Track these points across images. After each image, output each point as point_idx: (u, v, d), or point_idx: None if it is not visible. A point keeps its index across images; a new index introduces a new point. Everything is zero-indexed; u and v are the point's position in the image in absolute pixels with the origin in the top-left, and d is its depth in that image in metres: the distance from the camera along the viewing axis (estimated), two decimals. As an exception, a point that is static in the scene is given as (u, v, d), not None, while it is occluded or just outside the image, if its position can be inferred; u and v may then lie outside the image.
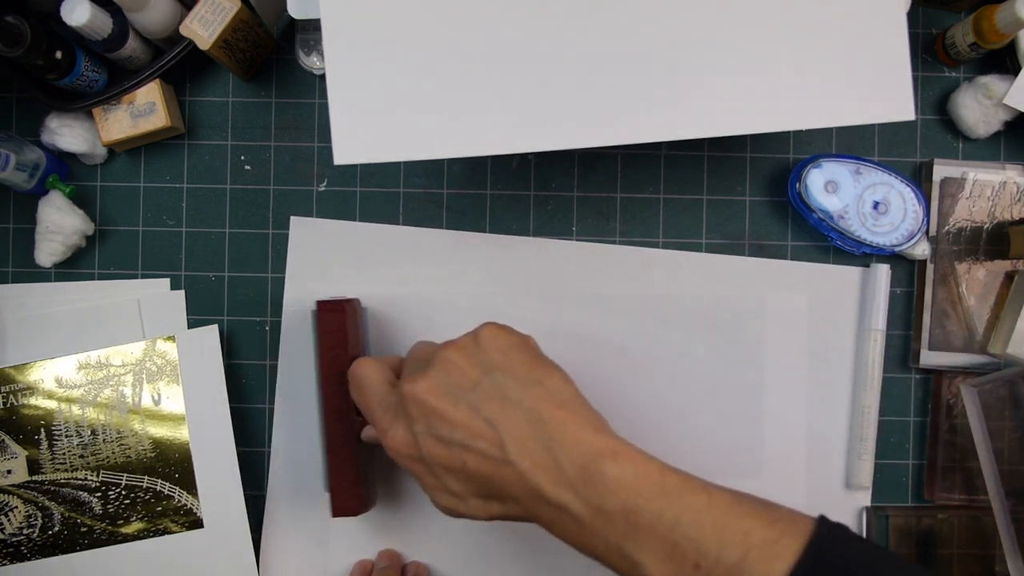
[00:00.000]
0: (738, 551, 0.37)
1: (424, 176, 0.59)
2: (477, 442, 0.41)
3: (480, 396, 0.42)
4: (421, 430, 0.43)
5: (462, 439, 0.42)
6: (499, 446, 0.41)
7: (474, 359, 0.44)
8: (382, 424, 0.45)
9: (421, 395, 0.43)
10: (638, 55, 0.45)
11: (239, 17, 0.52)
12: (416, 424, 0.43)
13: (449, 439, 0.42)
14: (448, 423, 0.42)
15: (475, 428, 0.41)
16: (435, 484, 0.44)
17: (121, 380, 0.56)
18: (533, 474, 0.40)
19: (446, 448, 0.42)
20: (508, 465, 0.41)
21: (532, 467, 0.40)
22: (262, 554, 0.57)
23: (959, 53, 0.56)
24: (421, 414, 0.43)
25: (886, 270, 0.57)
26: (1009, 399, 0.55)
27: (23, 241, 0.58)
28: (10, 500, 0.56)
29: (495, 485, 0.42)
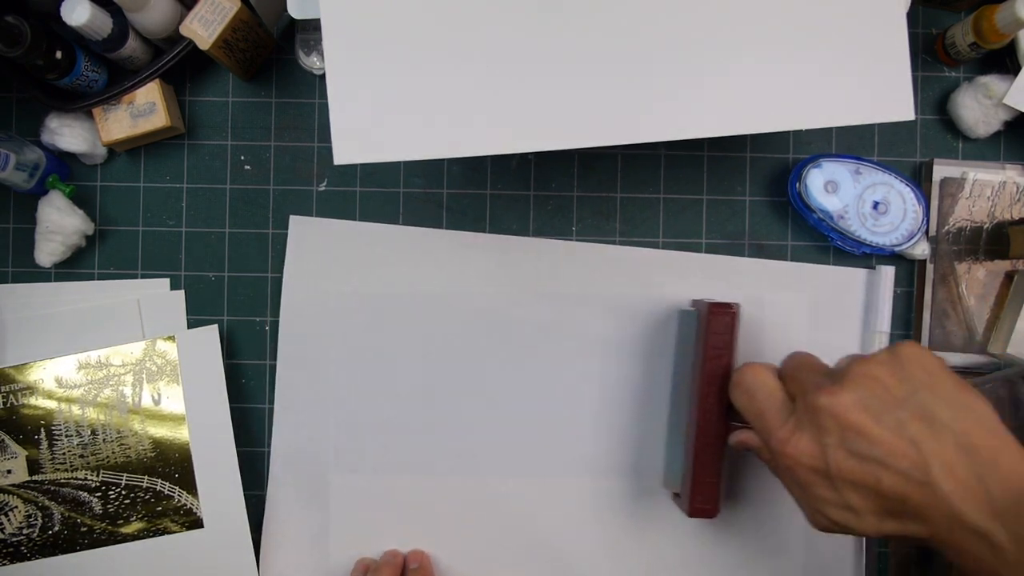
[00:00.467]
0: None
1: (424, 176, 0.59)
2: (899, 461, 0.40)
3: (906, 415, 0.41)
4: (832, 443, 0.42)
5: (881, 456, 0.41)
6: (923, 468, 0.40)
7: (898, 376, 0.42)
8: (781, 432, 0.44)
9: (841, 409, 0.42)
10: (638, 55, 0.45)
11: (239, 17, 0.52)
12: (828, 436, 0.42)
13: (867, 455, 0.41)
14: (867, 439, 0.41)
15: (897, 447, 0.40)
16: (832, 498, 0.43)
17: (121, 380, 0.56)
18: (959, 500, 0.39)
19: (860, 464, 0.41)
20: (929, 487, 0.40)
21: (959, 493, 0.39)
22: (262, 554, 0.57)
23: (959, 53, 0.56)
24: (836, 427, 0.42)
25: (891, 272, 0.57)
26: (1009, 399, 0.55)
27: (23, 241, 0.58)
28: (10, 500, 0.56)
29: (906, 505, 0.41)
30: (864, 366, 0.43)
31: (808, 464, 0.43)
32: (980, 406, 0.42)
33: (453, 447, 0.58)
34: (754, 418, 0.47)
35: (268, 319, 0.58)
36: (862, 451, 0.41)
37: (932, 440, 0.40)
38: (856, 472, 0.41)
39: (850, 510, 0.42)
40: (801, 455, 0.43)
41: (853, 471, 0.41)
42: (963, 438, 0.40)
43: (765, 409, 0.46)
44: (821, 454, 0.42)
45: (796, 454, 0.43)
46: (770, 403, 0.46)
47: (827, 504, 0.43)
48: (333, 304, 0.58)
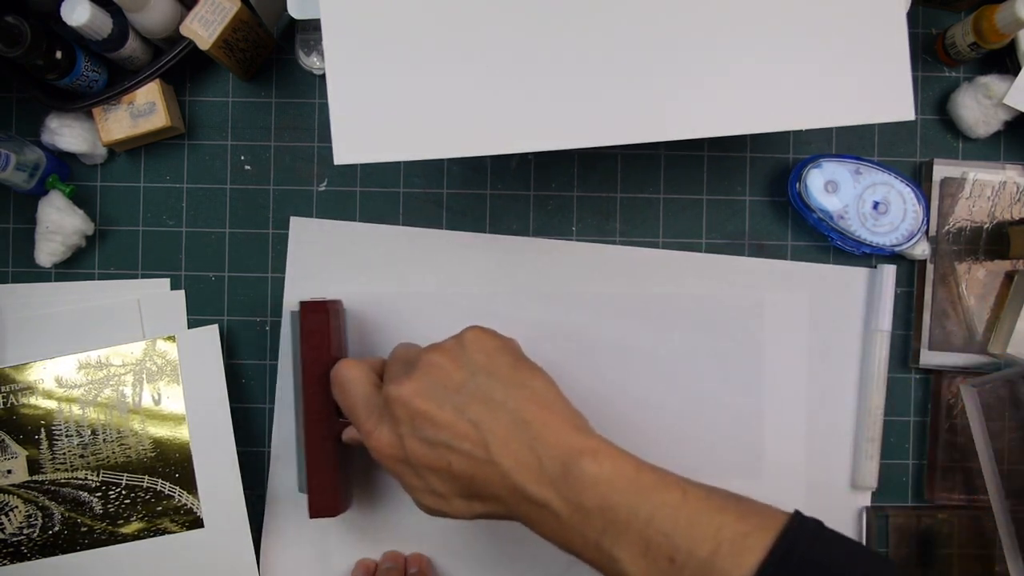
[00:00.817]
0: (710, 545, 0.38)
1: (424, 176, 0.59)
2: (462, 443, 0.42)
3: (465, 398, 0.43)
4: (406, 431, 0.44)
5: (447, 440, 0.42)
6: (483, 446, 0.42)
7: (459, 361, 0.45)
8: (366, 425, 0.46)
9: (406, 397, 0.44)
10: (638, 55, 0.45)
11: (239, 17, 0.52)
12: (401, 426, 0.44)
13: (434, 440, 0.43)
14: (433, 424, 0.43)
15: (460, 429, 0.42)
16: (419, 485, 0.44)
17: (121, 380, 0.56)
18: (516, 473, 0.41)
19: (431, 449, 0.43)
20: (492, 465, 0.42)
21: (515, 466, 0.41)
22: (262, 554, 0.57)
23: (959, 53, 0.56)
24: (406, 416, 0.44)
25: (892, 271, 0.57)
26: (1009, 399, 0.55)
27: (23, 241, 0.58)
28: (10, 500, 0.56)
29: (479, 485, 0.43)
30: (429, 354, 0.45)
31: (390, 454, 0.45)
32: (537, 382, 0.45)
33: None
34: (348, 414, 0.48)
35: (268, 319, 0.58)
36: (430, 437, 0.43)
37: (489, 419, 0.42)
38: (430, 457, 0.43)
39: (438, 495, 0.44)
40: (384, 446, 0.45)
41: (427, 457, 0.43)
42: (516, 414, 0.42)
43: (354, 403, 0.48)
44: (399, 443, 0.44)
45: (380, 446, 0.45)
46: (359, 398, 0.47)
47: (418, 492, 0.45)
48: (333, 304, 0.58)
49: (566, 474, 0.41)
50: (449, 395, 0.43)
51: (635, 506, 0.40)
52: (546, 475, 0.41)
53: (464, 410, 0.43)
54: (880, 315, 0.57)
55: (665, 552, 0.39)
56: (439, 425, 0.43)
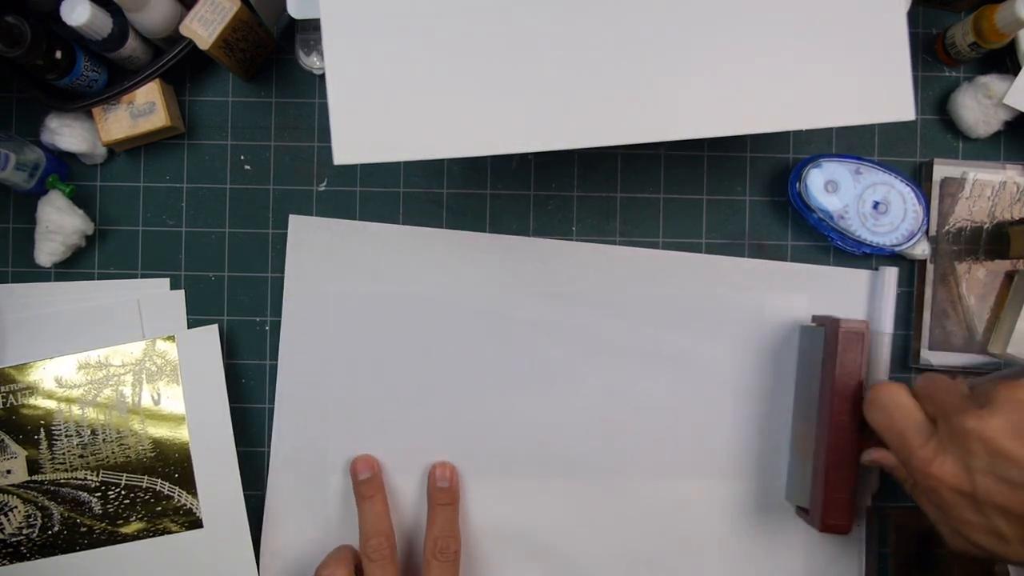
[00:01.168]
0: None
1: (424, 176, 0.59)
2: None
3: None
4: (980, 467, 0.42)
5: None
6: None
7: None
8: (922, 452, 0.45)
9: (989, 433, 0.42)
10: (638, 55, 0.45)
11: (239, 17, 0.52)
12: (976, 460, 0.42)
13: (1018, 482, 0.41)
14: (1019, 467, 0.41)
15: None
16: (977, 522, 0.43)
17: (121, 380, 0.56)
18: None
19: (1011, 491, 0.41)
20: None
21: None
22: (262, 554, 0.57)
23: (959, 53, 0.56)
24: (984, 451, 0.42)
25: (894, 273, 0.57)
26: (1009, 399, 0.55)
27: (23, 241, 0.58)
28: (10, 500, 0.56)
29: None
30: (1012, 390, 0.43)
31: (953, 486, 0.43)
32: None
33: (453, 447, 0.58)
34: (892, 437, 0.47)
35: (268, 319, 0.58)
36: (1013, 478, 0.41)
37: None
38: (1006, 498, 0.41)
39: (998, 536, 0.42)
40: (946, 476, 0.43)
41: (1003, 496, 0.41)
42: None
43: (904, 428, 0.46)
44: (968, 478, 0.43)
45: (941, 475, 0.43)
46: (909, 423, 0.46)
47: (972, 528, 0.43)
48: (333, 304, 0.58)
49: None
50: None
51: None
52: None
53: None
54: (882, 317, 0.56)
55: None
56: None
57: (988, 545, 0.43)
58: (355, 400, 0.58)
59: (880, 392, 0.49)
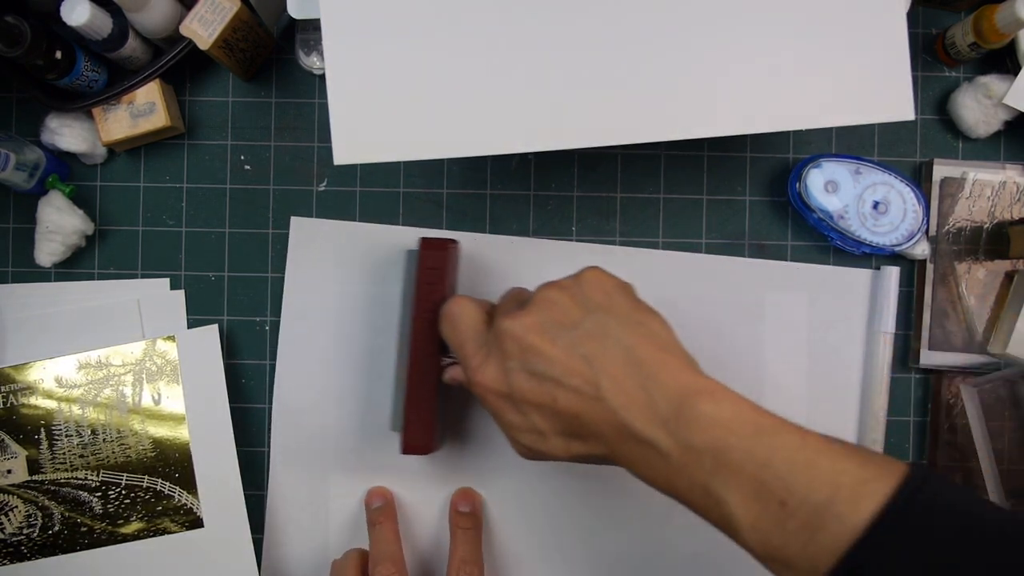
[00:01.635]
0: (827, 490, 0.37)
1: (424, 176, 0.59)
2: (571, 379, 0.41)
3: (580, 334, 0.42)
4: (514, 366, 0.43)
5: (557, 375, 0.42)
6: (593, 384, 0.41)
7: (576, 299, 0.44)
8: (474, 360, 0.45)
9: (519, 331, 0.43)
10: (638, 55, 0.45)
11: (239, 17, 0.52)
12: (510, 360, 0.43)
13: (543, 375, 0.42)
14: (544, 359, 0.42)
15: (571, 365, 0.42)
16: (519, 422, 0.43)
17: (121, 380, 0.56)
18: (625, 411, 0.40)
19: (539, 384, 0.42)
20: (600, 402, 0.41)
21: (625, 404, 0.41)
22: (262, 554, 0.57)
23: (959, 53, 0.56)
24: (517, 349, 0.43)
25: (896, 272, 0.57)
26: (1009, 399, 0.55)
27: (23, 241, 0.58)
28: (10, 500, 0.56)
29: (582, 423, 0.42)
30: (546, 291, 0.45)
31: (495, 389, 0.44)
32: (653, 323, 0.44)
33: (452, 446, 0.58)
34: (456, 349, 0.48)
35: (268, 319, 0.58)
36: (540, 371, 0.42)
37: (603, 356, 0.41)
38: (535, 392, 0.42)
39: (537, 433, 0.43)
40: (489, 380, 0.44)
41: (532, 392, 0.42)
42: (631, 352, 0.42)
43: (464, 339, 0.47)
44: (505, 378, 0.43)
45: (484, 380, 0.44)
46: (469, 333, 0.47)
47: (517, 429, 0.44)
48: (333, 304, 0.58)
49: (679, 414, 0.40)
50: (564, 331, 0.43)
51: (751, 448, 0.38)
52: (657, 414, 0.40)
53: (577, 346, 0.42)
54: (884, 317, 0.57)
55: (778, 495, 0.38)
56: (550, 360, 0.42)
57: (533, 444, 0.44)
58: (355, 400, 0.58)
59: (449, 305, 0.49)
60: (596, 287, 0.44)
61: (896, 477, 0.37)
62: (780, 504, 0.38)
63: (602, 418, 0.41)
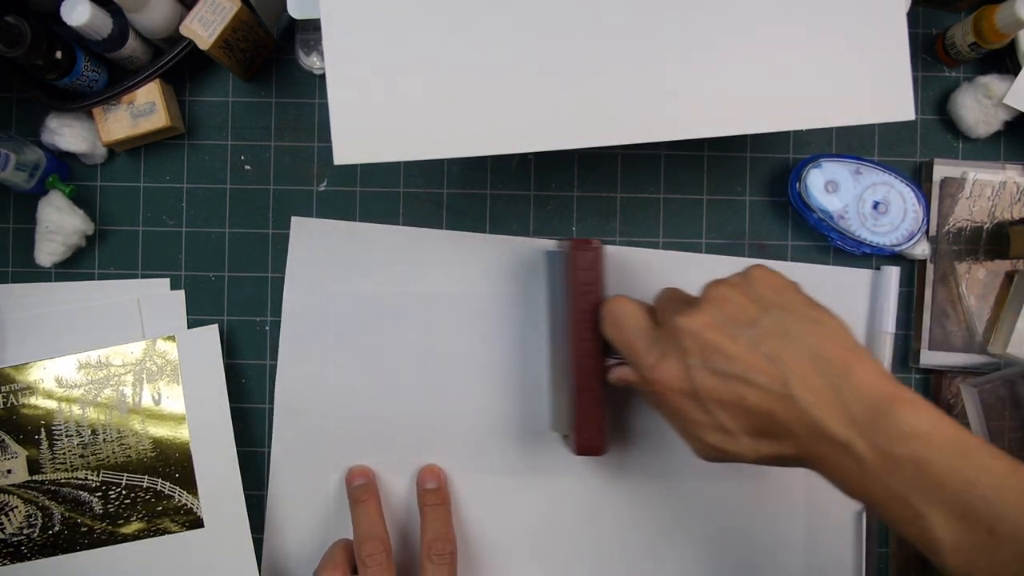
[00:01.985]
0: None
1: (424, 176, 0.59)
2: (757, 376, 0.41)
3: (760, 332, 0.42)
4: (696, 363, 0.42)
5: (742, 372, 0.41)
6: (781, 380, 0.40)
7: (750, 295, 0.43)
8: (648, 359, 0.44)
9: (697, 328, 0.42)
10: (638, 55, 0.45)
11: (239, 17, 0.52)
12: (691, 358, 0.42)
13: (728, 372, 0.41)
14: (727, 357, 0.41)
15: (755, 362, 0.41)
16: (705, 420, 0.42)
17: (121, 380, 0.56)
18: (817, 408, 0.39)
19: (724, 382, 0.41)
20: (790, 400, 0.40)
21: (816, 402, 0.39)
22: (262, 554, 0.57)
23: (959, 53, 0.56)
24: (697, 347, 0.42)
25: (896, 272, 0.57)
26: (1009, 399, 0.55)
27: (23, 241, 0.58)
28: (10, 500, 0.56)
29: (773, 421, 0.41)
30: (717, 289, 0.44)
31: (677, 387, 0.43)
32: (831, 321, 0.43)
33: (451, 446, 0.58)
34: (624, 349, 0.47)
35: (268, 319, 0.58)
36: (723, 369, 0.41)
37: (787, 354, 0.41)
38: (720, 390, 0.42)
39: (724, 431, 0.42)
40: (671, 378, 0.43)
41: (718, 390, 0.42)
42: (815, 350, 0.41)
43: (633, 338, 0.46)
44: (687, 376, 0.43)
45: (664, 379, 0.43)
46: (637, 332, 0.46)
47: (702, 428, 0.43)
48: (333, 304, 0.58)
49: (875, 418, 0.38)
50: (742, 328, 0.42)
51: (956, 467, 0.37)
52: (850, 416, 0.39)
53: (759, 343, 0.41)
54: (884, 317, 0.56)
55: (985, 521, 0.36)
56: (733, 357, 0.41)
57: (720, 444, 0.43)
58: (355, 400, 0.58)
59: (610, 305, 0.48)
60: (767, 284, 0.44)
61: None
62: (988, 531, 0.36)
63: (793, 416, 0.40)
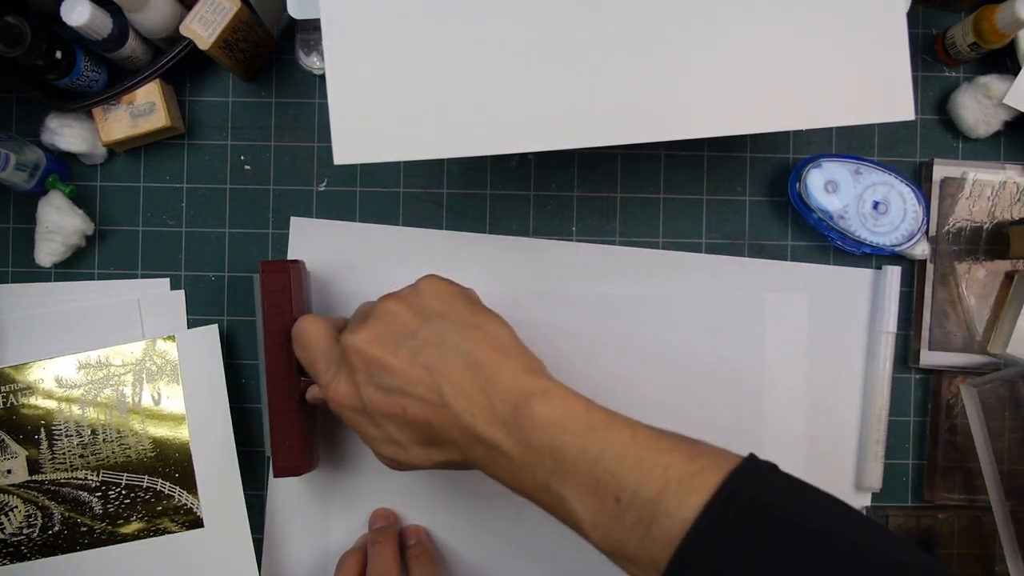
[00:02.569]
0: (657, 484, 0.38)
1: (424, 176, 0.59)
2: (415, 388, 0.42)
3: (419, 343, 0.43)
4: (363, 380, 0.44)
5: (402, 385, 0.43)
6: (436, 391, 0.42)
7: (414, 308, 0.45)
8: (325, 377, 0.46)
9: (361, 345, 0.44)
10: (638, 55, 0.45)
11: (239, 17, 0.52)
12: (358, 375, 0.44)
13: (390, 387, 0.43)
14: (388, 371, 0.43)
15: (414, 374, 0.42)
16: (378, 435, 0.44)
17: (121, 380, 0.56)
18: (468, 415, 0.41)
19: (387, 396, 0.43)
20: (445, 408, 0.42)
21: (468, 408, 0.42)
22: (262, 554, 0.57)
23: (959, 53, 0.56)
24: (362, 364, 0.44)
25: (897, 272, 0.57)
26: (1009, 399, 0.55)
27: (23, 241, 0.58)
28: (10, 500, 0.56)
29: (434, 430, 0.43)
30: (384, 303, 0.45)
31: (348, 404, 0.45)
32: (491, 326, 0.45)
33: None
34: (309, 368, 0.48)
35: (268, 319, 0.58)
36: (386, 383, 0.43)
37: (442, 363, 0.42)
38: (385, 405, 0.43)
39: (396, 444, 0.44)
40: (342, 396, 0.45)
41: (383, 404, 0.43)
42: (469, 356, 0.42)
43: (315, 358, 0.47)
44: (356, 392, 0.44)
45: (338, 396, 0.45)
46: (319, 351, 0.47)
47: (376, 442, 0.45)
48: (333, 304, 0.58)
49: (517, 415, 0.41)
50: (403, 341, 0.43)
51: (584, 446, 0.40)
52: (498, 416, 0.41)
53: (418, 355, 0.43)
54: (885, 317, 0.57)
55: (612, 491, 0.38)
56: (393, 371, 0.43)
57: (395, 455, 0.44)
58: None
59: (298, 326, 0.49)
60: (432, 295, 0.45)
61: (723, 471, 0.38)
62: (615, 500, 0.38)
63: (450, 423, 0.42)
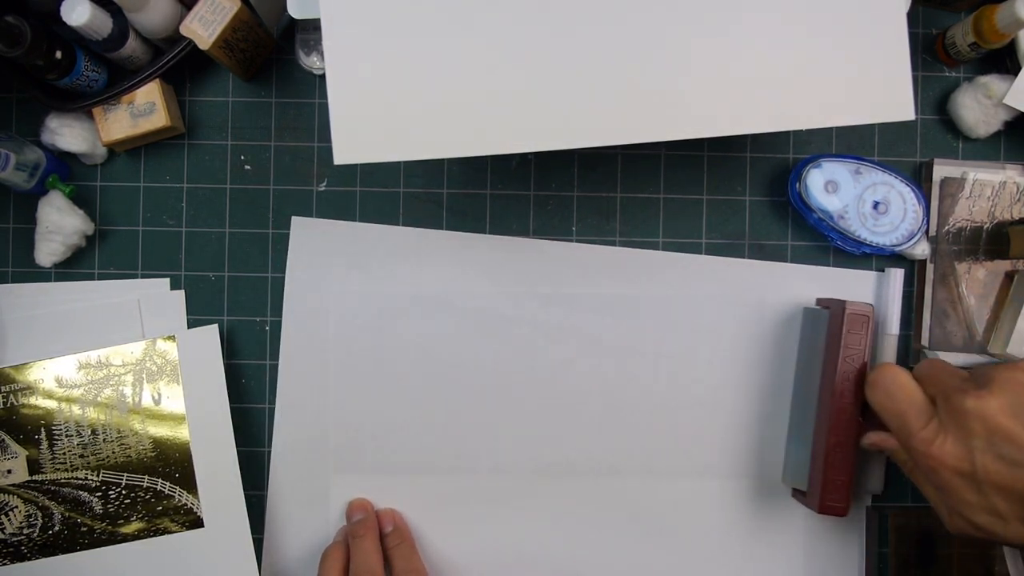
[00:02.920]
0: None
1: (424, 176, 0.59)
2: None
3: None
4: (980, 447, 0.43)
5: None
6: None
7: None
8: (923, 433, 0.45)
9: (988, 412, 0.43)
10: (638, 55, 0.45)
11: (239, 17, 0.52)
12: (976, 439, 0.43)
13: (1016, 460, 0.42)
14: (1017, 445, 0.42)
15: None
16: (977, 502, 0.43)
17: (121, 380, 0.56)
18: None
19: (1009, 469, 0.42)
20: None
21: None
22: (262, 554, 0.57)
23: (959, 53, 0.56)
24: (985, 431, 0.43)
25: (900, 274, 0.57)
26: (1009, 399, 0.55)
27: (23, 241, 0.58)
28: (10, 500, 0.56)
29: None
30: (1012, 372, 0.44)
31: (953, 466, 0.44)
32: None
33: (452, 446, 0.58)
34: (893, 418, 0.47)
35: (268, 319, 0.58)
36: (1012, 456, 0.42)
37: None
38: (1005, 477, 0.42)
39: (996, 515, 0.43)
40: (946, 457, 0.44)
41: (1002, 475, 0.42)
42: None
43: (905, 409, 0.47)
44: (968, 457, 0.43)
45: (941, 456, 0.44)
46: (910, 404, 0.47)
47: (971, 508, 0.44)
48: (333, 304, 0.58)
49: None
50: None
51: None
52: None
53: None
54: (888, 319, 0.56)
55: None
56: (1021, 445, 0.42)
57: (987, 525, 0.43)
58: (355, 400, 0.58)
59: (882, 373, 0.49)
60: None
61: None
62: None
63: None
